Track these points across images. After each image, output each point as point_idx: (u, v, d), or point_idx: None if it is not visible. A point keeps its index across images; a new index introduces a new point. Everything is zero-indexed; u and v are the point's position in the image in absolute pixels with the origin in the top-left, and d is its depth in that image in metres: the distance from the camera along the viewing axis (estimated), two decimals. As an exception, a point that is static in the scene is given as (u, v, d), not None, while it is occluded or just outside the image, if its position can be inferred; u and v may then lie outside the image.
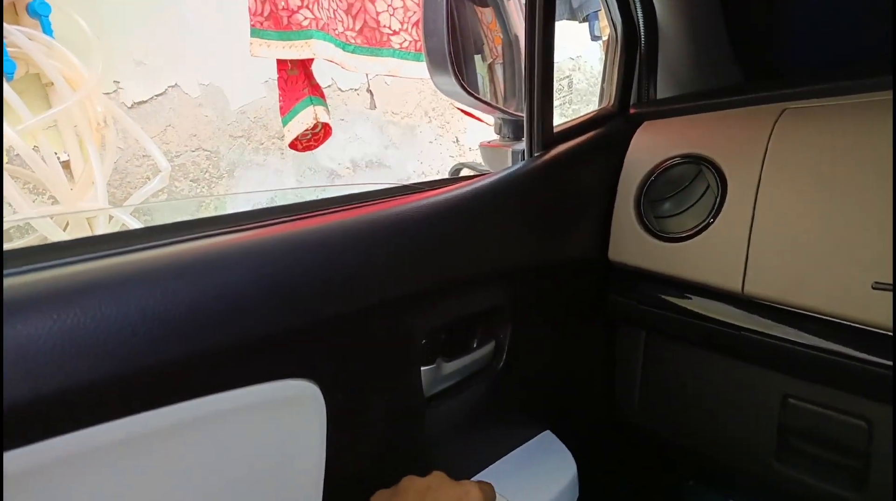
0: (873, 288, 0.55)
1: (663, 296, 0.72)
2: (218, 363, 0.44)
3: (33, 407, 0.35)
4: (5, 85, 1.79)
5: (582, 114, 0.89)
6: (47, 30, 1.93)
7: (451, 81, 0.76)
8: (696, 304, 0.69)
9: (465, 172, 2.67)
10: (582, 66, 3.73)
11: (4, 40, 1.85)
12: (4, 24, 1.82)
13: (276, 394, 0.47)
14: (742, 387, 0.70)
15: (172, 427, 0.41)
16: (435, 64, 0.76)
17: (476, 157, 3.45)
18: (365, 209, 0.57)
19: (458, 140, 3.34)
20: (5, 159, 1.88)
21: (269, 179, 2.64)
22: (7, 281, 0.38)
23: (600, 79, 0.96)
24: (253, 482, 0.48)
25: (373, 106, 2.85)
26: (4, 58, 1.85)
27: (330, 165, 2.84)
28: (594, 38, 2.15)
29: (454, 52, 0.74)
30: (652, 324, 0.76)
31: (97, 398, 0.38)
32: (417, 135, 3.16)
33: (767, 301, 0.63)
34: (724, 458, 0.76)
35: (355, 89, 2.81)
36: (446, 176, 3.12)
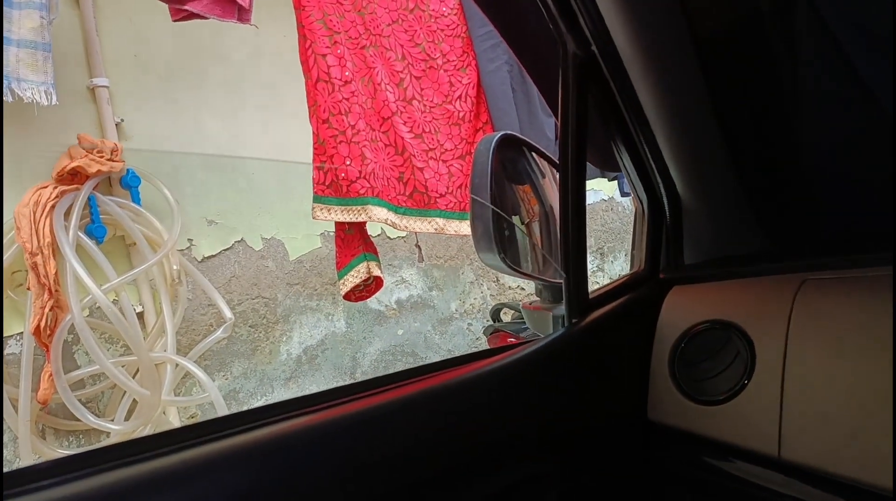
0: (904, 458, 0.57)
1: (703, 458, 0.75)
2: None
3: None
4: (95, 247, 2.02)
5: (619, 257, 0.97)
6: (136, 198, 2.20)
7: (496, 258, 0.86)
8: (735, 467, 0.72)
9: (505, 311, 2.73)
10: (615, 207, 3.91)
11: (98, 208, 2.12)
12: (99, 195, 2.09)
13: None
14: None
15: None
16: (481, 244, 0.87)
17: (515, 295, 3.55)
18: (420, 385, 0.64)
19: (498, 280, 3.46)
20: (86, 313, 2.07)
21: (321, 322, 2.77)
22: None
23: (632, 219, 1.04)
24: None
25: (420, 259, 3.04)
26: (97, 223, 2.10)
27: (377, 308, 2.97)
28: (623, 194, 2.30)
29: (497, 234, 0.85)
30: (694, 486, 0.78)
31: None
32: (460, 276, 3.30)
33: (805, 467, 0.65)
34: None
35: (403, 238, 3.02)
36: (487, 312, 3.16)
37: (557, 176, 1.11)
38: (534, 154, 1.01)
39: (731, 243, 0.97)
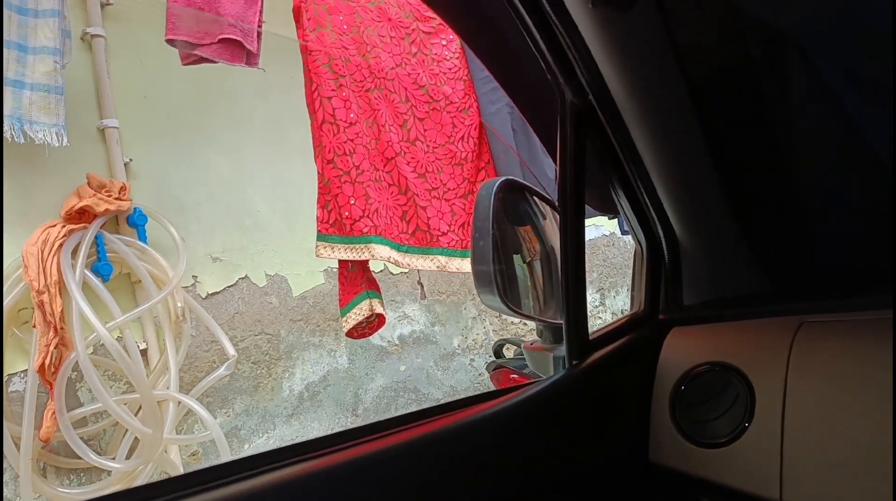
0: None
1: (705, 501, 0.75)
2: None
3: None
4: (101, 285, 2.03)
5: (618, 318, 0.98)
6: (142, 236, 2.23)
7: (496, 301, 0.87)
8: (738, 511, 0.72)
9: (507, 346, 2.73)
10: (616, 242, 3.93)
11: (105, 246, 2.14)
12: (106, 233, 2.12)
13: None
14: None
15: None
16: (483, 286, 0.88)
17: (517, 331, 3.54)
18: (423, 428, 0.65)
19: (500, 316, 3.46)
20: (90, 350, 2.07)
21: (324, 358, 2.77)
22: None
23: (632, 254, 1.06)
24: None
25: (423, 296, 3.05)
26: (103, 261, 2.13)
27: (380, 344, 2.97)
28: (623, 232, 2.33)
29: (499, 276, 0.87)
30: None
31: None
32: (462, 312, 3.30)
33: (807, 512, 0.65)
34: None
35: (405, 273, 3.03)
36: (490, 347, 3.15)
37: (558, 218, 1.14)
38: (535, 197, 1.03)
39: (729, 284, 0.98)
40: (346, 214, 1.83)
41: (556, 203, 0.99)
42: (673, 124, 0.83)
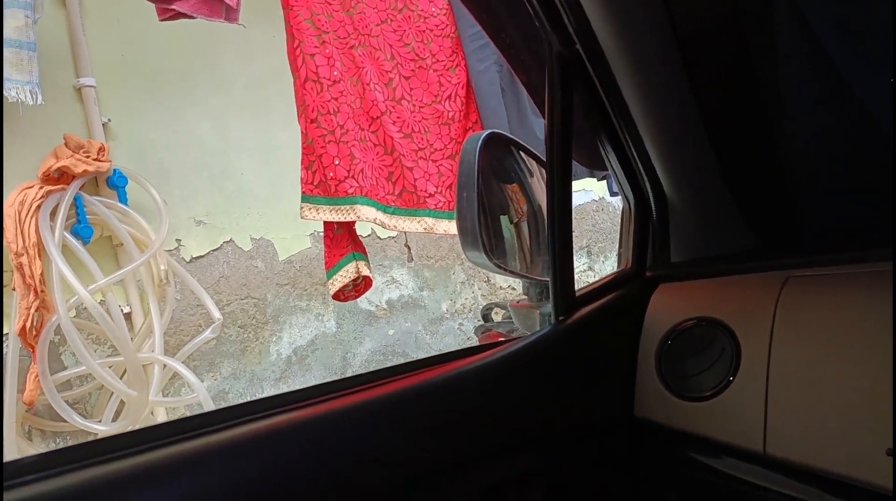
0: (887, 455, 0.58)
1: (689, 454, 0.75)
2: None
3: None
4: (81, 248, 2.00)
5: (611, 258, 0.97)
6: (123, 199, 2.18)
7: (482, 257, 0.86)
8: (720, 463, 0.72)
9: (496, 310, 2.74)
10: (605, 207, 3.92)
11: (85, 208, 2.10)
12: (86, 195, 2.07)
13: None
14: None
15: None
16: (468, 243, 0.86)
17: (506, 295, 3.55)
18: (401, 383, 0.64)
19: (489, 280, 3.46)
20: (73, 314, 2.05)
21: (311, 322, 2.77)
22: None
23: (619, 226, 1.05)
24: None
25: (410, 258, 3.03)
26: (83, 223, 2.09)
27: (368, 308, 2.96)
28: (612, 193, 2.32)
29: (484, 234, 0.85)
30: (680, 483, 0.78)
31: None
32: (450, 276, 3.30)
33: (789, 463, 0.65)
34: None
35: (393, 237, 3.01)
36: (478, 311, 3.16)
37: (545, 175, 1.12)
38: (521, 153, 1.01)
39: (717, 242, 0.98)
40: (331, 174, 1.80)
41: (544, 159, 0.97)
42: (661, 77, 0.82)
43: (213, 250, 2.48)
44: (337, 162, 1.79)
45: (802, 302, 0.70)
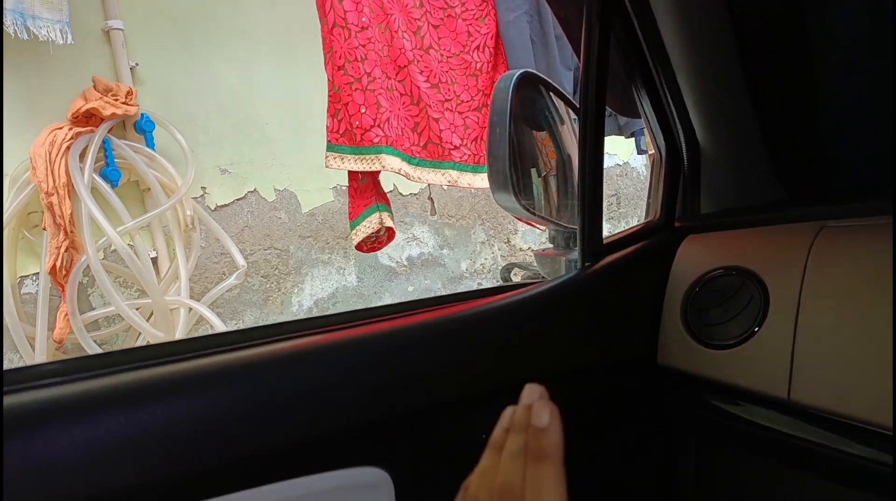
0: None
1: (712, 400, 0.76)
2: (301, 451, 0.51)
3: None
4: (110, 190, 2.03)
5: (631, 223, 0.96)
6: (150, 143, 2.20)
7: (511, 199, 0.85)
8: (744, 410, 0.72)
9: (515, 271, 2.74)
10: (629, 172, 3.86)
11: (113, 151, 2.12)
12: (114, 138, 2.09)
13: (351, 480, 0.54)
14: (792, 496, 0.71)
15: None
16: (497, 184, 0.86)
17: (526, 257, 3.55)
18: (431, 314, 0.65)
19: (509, 241, 3.45)
20: (101, 255, 2.09)
21: (333, 275, 2.80)
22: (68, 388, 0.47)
23: (647, 185, 1.04)
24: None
25: (433, 212, 3.03)
26: (112, 166, 2.11)
27: (388, 264, 2.98)
28: (640, 151, 2.27)
29: (514, 174, 0.85)
30: (702, 428, 0.79)
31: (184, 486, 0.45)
32: (471, 236, 3.30)
33: (814, 409, 0.65)
34: None
35: (415, 194, 3.01)
36: (498, 272, 3.17)
37: (576, 121, 1.10)
38: (553, 95, 0.99)
39: (748, 193, 0.96)
40: (357, 123, 1.78)
41: (576, 103, 0.95)
42: (703, 22, 0.79)
43: (237, 200, 2.50)
44: (363, 110, 1.78)
45: (835, 252, 0.69)
